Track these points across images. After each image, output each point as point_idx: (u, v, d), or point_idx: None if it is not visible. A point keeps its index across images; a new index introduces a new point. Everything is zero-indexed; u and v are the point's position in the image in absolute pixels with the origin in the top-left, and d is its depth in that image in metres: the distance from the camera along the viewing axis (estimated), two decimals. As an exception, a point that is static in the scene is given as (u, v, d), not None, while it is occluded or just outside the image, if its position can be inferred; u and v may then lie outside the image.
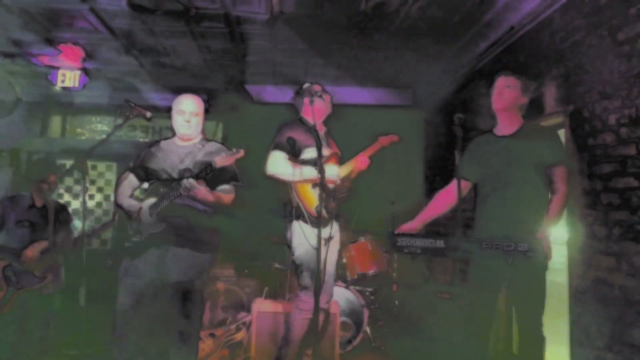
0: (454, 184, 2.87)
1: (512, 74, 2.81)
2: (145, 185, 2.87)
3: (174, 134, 2.97)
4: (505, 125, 2.78)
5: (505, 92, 2.74)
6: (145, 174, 2.90)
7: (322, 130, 3.30)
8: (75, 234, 3.90)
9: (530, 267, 2.47)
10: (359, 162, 3.29)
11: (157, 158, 2.90)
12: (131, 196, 2.88)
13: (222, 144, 3.03)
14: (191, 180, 2.58)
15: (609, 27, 2.78)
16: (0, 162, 5.54)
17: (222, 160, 2.60)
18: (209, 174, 2.63)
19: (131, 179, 2.95)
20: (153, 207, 2.74)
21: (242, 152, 2.63)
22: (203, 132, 3.02)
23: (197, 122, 2.90)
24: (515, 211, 2.64)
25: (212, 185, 2.77)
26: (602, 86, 2.84)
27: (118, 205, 2.86)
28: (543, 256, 2.49)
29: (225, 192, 2.87)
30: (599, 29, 2.87)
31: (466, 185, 2.95)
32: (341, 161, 3.33)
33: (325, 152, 3.21)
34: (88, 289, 2.63)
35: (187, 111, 2.88)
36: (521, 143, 2.67)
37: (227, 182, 2.88)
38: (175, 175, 2.79)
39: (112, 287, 2.78)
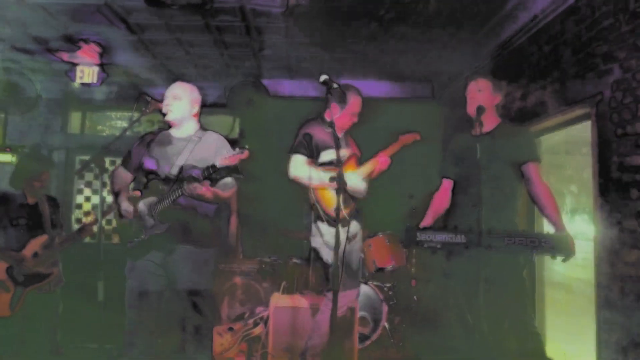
0: (443, 184, 3.06)
1: (481, 76, 2.94)
2: (136, 192, 2.80)
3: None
4: (482, 125, 2.79)
5: (477, 96, 2.84)
6: (139, 168, 2.83)
7: (340, 133, 3.26)
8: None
9: (506, 264, 2.51)
10: (380, 162, 3.24)
11: (153, 151, 2.82)
12: (127, 192, 2.82)
13: (234, 138, 2.99)
14: (192, 180, 2.54)
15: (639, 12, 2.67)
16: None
17: (225, 160, 2.53)
18: (211, 174, 2.57)
19: (124, 174, 2.92)
20: (154, 206, 2.69)
21: (246, 153, 2.55)
22: (199, 121, 2.95)
23: (179, 106, 2.82)
24: (489, 207, 2.61)
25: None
26: (632, 74, 2.73)
27: (116, 203, 2.82)
28: (567, 251, 2.42)
29: (227, 186, 2.82)
30: (627, 15, 2.76)
31: (451, 184, 3.02)
32: (360, 161, 3.28)
33: (345, 152, 3.17)
34: (106, 283, 2.63)
35: (169, 95, 2.83)
36: (495, 140, 2.76)
37: (228, 175, 2.80)
38: (174, 171, 2.73)
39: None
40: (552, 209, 2.62)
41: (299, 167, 3.02)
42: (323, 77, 2.60)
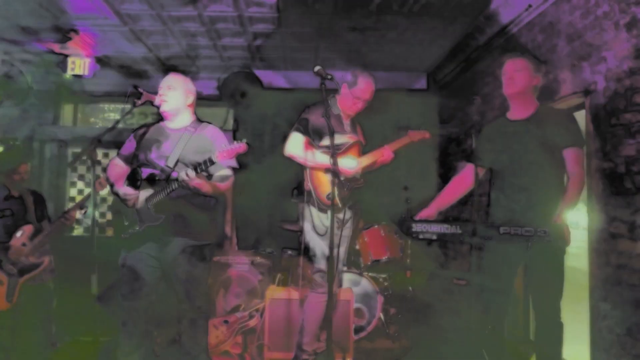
0: (468, 169, 2.88)
1: (520, 55, 2.72)
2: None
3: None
4: (520, 109, 2.71)
5: (517, 76, 2.65)
6: (134, 159, 2.81)
7: (347, 119, 3.25)
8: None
9: (548, 251, 2.42)
10: (384, 155, 3.22)
11: (148, 143, 2.80)
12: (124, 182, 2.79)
13: (227, 130, 2.95)
14: (189, 173, 2.51)
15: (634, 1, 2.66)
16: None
17: (223, 154, 2.50)
18: (208, 167, 2.54)
19: (120, 165, 2.89)
20: (150, 198, 2.67)
21: (244, 146, 2.51)
22: (194, 112, 2.92)
23: (173, 96, 2.79)
24: (532, 196, 2.59)
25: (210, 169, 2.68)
26: (626, 64, 2.72)
27: (113, 192, 2.79)
28: (563, 241, 2.42)
29: (224, 178, 2.78)
30: (621, 4, 2.75)
31: (481, 171, 2.90)
32: (364, 150, 3.27)
33: (349, 139, 3.16)
34: (100, 276, 2.62)
35: (163, 86, 2.81)
36: (537, 127, 2.60)
37: (225, 167, 2.78)
38: (169, 163, 2.71)
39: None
40: (569, 199, 2.52)
41: (295, 145, 3.02)
42: (317, 68, 2.57)
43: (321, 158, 2.98)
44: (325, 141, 3.03)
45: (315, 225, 3.04)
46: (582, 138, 2.64)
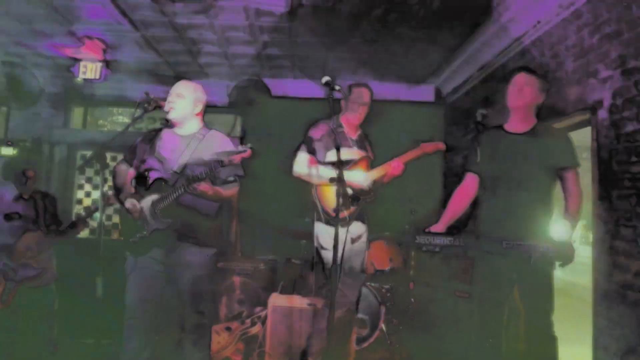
0: (468, 179, 2.89)
1: (532, 71, 2.77)
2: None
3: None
4: (519, 123, 2.73)
5: (525, 90, 2.69)
6: (141, 164, 2.82)
7: (355, 134, 3.27)
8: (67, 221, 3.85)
9: (536, 265, 2.43)
10: (393, 167, 3.22)
11: (156, 148, 2.82)
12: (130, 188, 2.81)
13: (235, 137, 2.98)
14: (195, 178, 2.52)
15: (641, 20, 2.68)
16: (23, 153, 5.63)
17: (228, 159, 2.52)
18: (214, 172, 2.56)
19: (126, 169, 2.90)
20: (156, 203, 2.68)
21: (249, 152, 2.53)
22: (203, 120, 2.94)
23: (181, 105, 2.80)
24: (521, 209, 2.60)
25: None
26: (633, 81, 2.73)
27: (119, 201, 2.81)
28: (566, 257, 2.42)
29: (229, 185, 2.80)
30: (629, 21, 2.77)
31: (476, 180, 2.89)
32: (372, 165, 3.28)
33: (357, 154, 3.19)
34: (104, 279, 2.64)
35: (172, 93, 2.82)
36: (533, 142, 2.64)
37: (231, 175, 2.79)
38: (177, 169, 2.72)
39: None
40: (570, 217, 2.54)
41: (300, 165, 3.06)
42: (325, 79, 2.59)
43: (325, 171, 3.00)
44: (331, 156, 3.06)
45: (326, 241, 3.05)
46: (577, 159, 2.67)
